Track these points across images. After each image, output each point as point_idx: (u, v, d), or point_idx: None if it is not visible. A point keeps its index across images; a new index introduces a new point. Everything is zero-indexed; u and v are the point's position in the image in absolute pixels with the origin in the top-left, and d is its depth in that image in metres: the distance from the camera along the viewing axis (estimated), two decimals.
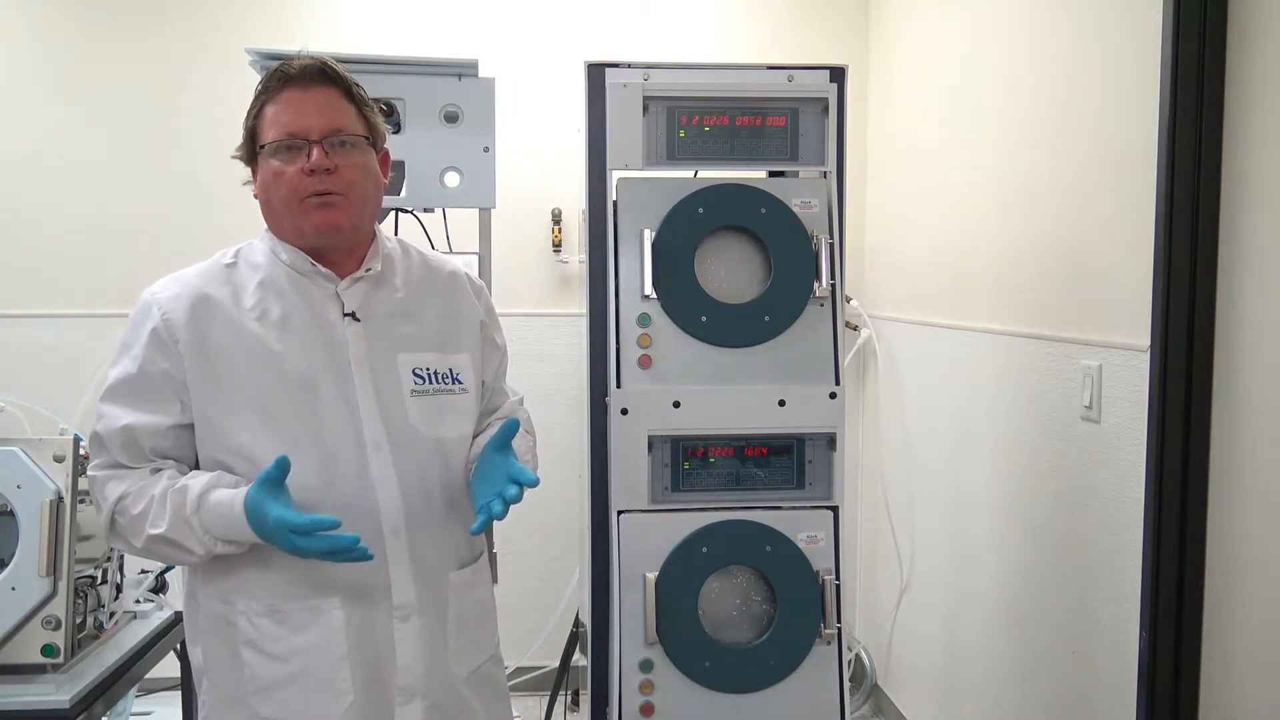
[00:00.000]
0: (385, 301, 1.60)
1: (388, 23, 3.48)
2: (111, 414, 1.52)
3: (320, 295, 1.56)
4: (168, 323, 1.51)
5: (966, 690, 2.90)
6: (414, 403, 1.57)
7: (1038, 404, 2.44)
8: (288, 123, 1.49)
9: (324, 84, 1.52)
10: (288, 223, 1.53)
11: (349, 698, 1.51)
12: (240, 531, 1.44)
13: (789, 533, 2.24)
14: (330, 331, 1.55)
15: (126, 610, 2.23)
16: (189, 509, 1.45)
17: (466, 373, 1.64)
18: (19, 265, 3.41)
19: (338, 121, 1.51)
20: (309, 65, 1.52)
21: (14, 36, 3.39)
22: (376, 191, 1.58)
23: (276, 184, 1.51)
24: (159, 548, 1.49)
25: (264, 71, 2.41)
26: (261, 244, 1.60)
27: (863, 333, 3.60)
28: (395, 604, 1.53)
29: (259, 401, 1.50)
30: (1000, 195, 2.66)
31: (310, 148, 1.48)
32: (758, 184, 2.27)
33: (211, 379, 1.50)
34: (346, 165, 1.51)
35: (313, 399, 1.52)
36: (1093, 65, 2.24)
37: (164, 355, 1.50)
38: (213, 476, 1.48)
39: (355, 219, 1.54)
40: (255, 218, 1.59)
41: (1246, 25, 1.85)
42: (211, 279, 1.56)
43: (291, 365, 1.52)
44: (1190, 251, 1.91)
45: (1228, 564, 1.89)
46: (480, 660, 1.67)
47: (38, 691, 1.87)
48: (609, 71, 2.24)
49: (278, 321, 1.53)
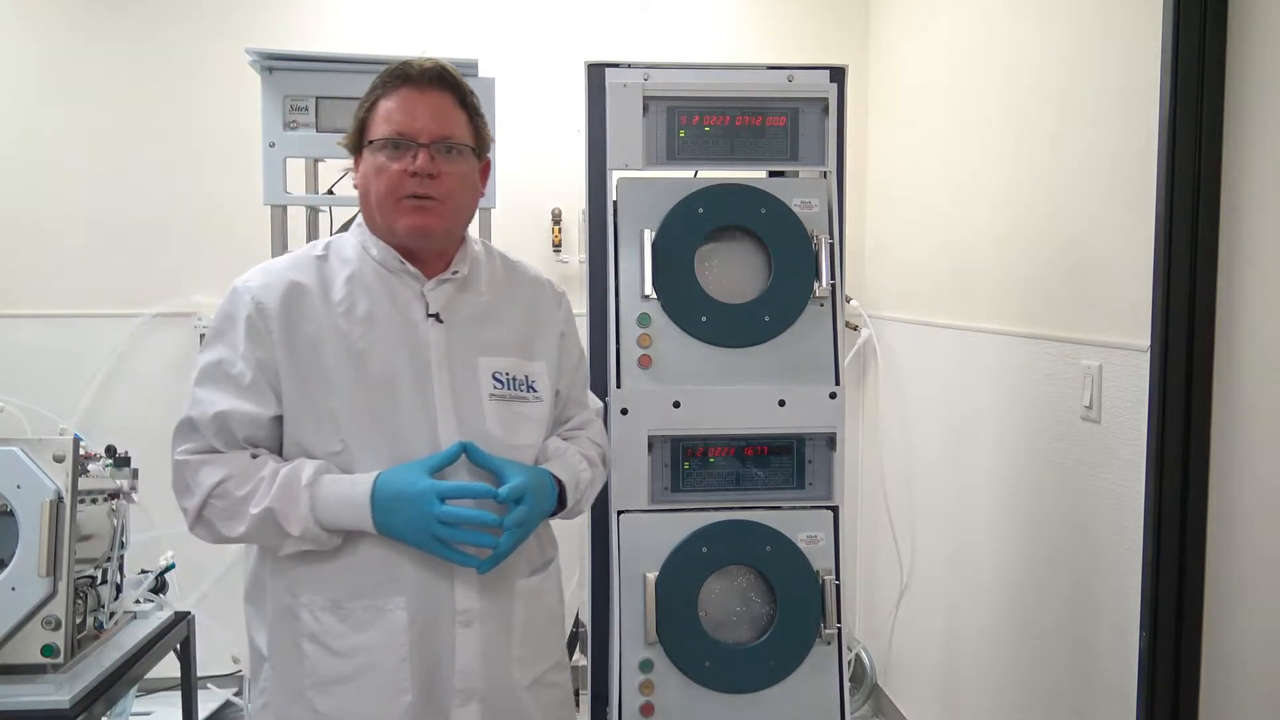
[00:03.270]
0: (469, 304, 1.61)
1: (388, 23, 3.48)
2: (206, 399, 1.51)
3: (406, 294, 1.57)
4: (261, 311, 1.52)
5: (966, 690, 2.90)
6: (491, 407, 1.57)
7: (1038, 404, 2.44)
8: (399, 122, 1.51)
9: (440, 88, 1.54)
10: (381, 219, 1.55)
11: (408, 698, 1.51)
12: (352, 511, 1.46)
13: (789, 533, 2.24)
14: (413, 331, 1.56)
15: (126, 610, 2.22)
16: (303, 483, 1.46)
17: (542, 380, 1.64)
18: (19, 265, 3.41)
19: (448, 128, 1.53)
20: (429, 68, 1.53)
21: (14, 37, 3.39)
22: (473, 200, 1.60)
23: (377, 179, 1.52)
24: (257, 528, 1.48)
25: (264, 72, 2.43)
26: (353, 238, 1.61)
27: (863, 333, 3.60)
28: (458, 609, 1.53)
29: (340, 397, 1.51)
30: (1000, 195, 2.66)
31: (417, 150, 1.50)
32: (758, 184, 2.27)
33: (299, 369, 1.51)
34: (449, 173, 1.53)
35: (392, 398, 1.52)
36: (1093, 64, 2.24)
37: (258, 344, 1.51)
38: (324, 463, 1.50)
39: (449, 225, 1.56)
40: (255, 218, 1.59)
41: (1246, 26, 1.85)
42: (303, 270, 1.57)
43: (373, 363, 1.53)
44: (1190, 251, 1.91)
45: (1228, 564, 1.89)
46: (544, 668, 1.65)
47: (38, 691, 1.87)
48: (609, 71, 2.24)
49: (363, 318, 1.54)
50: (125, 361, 3.45)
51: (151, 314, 3.44)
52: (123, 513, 2.16)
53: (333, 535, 1.49)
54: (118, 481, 2.17)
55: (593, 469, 1.69)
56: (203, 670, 2.72)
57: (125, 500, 2.18)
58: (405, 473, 1.46)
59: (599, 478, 1.73)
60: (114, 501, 2.13)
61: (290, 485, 1.47)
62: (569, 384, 1.72)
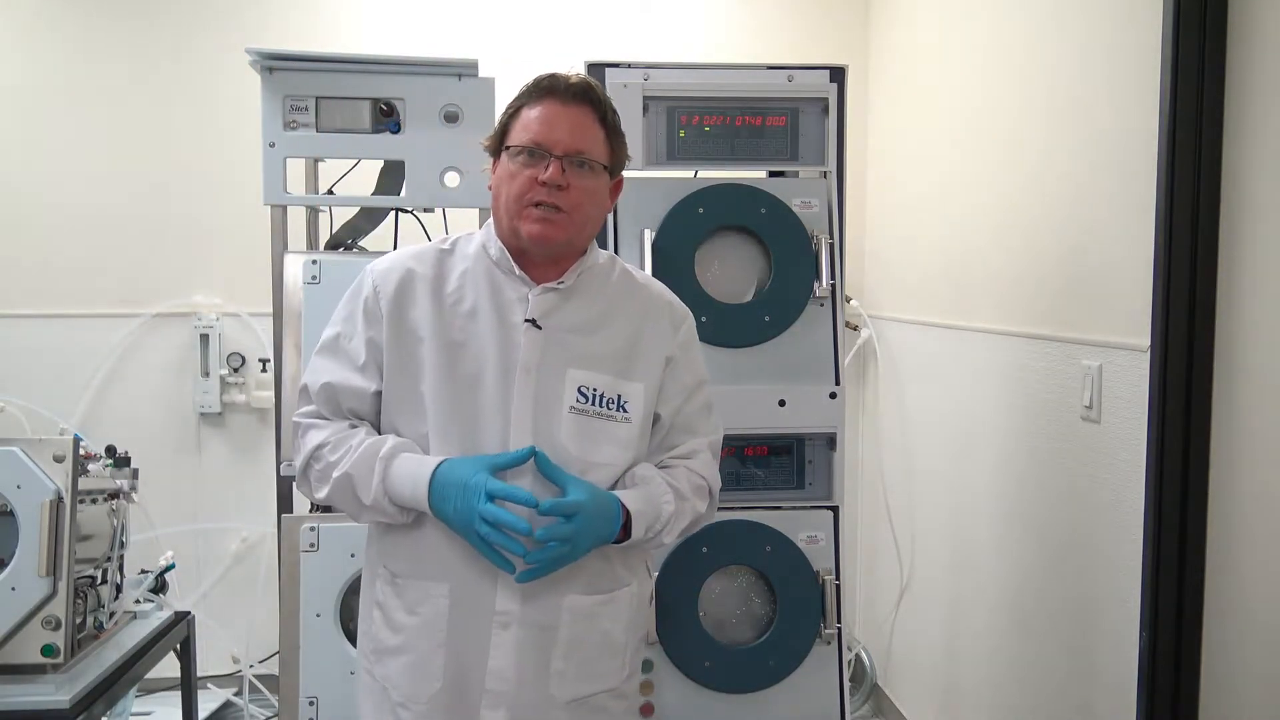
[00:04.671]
0: (572, 314, 1.61)
1: (388, 23, 3.48)
2: (319, 368, 1.62)
3: (512, 297, 1.60)
4: (378, 293, 1.60)
5: (966, 690, 2.90)
6: (570, 419, 1.57)
7: (1038, 404, 2.44)
8: (538, 132, 1.55)
9: (583, 104, 1.57)
10: (507, 221, 1.58)
11: (437, 684, 1.56)
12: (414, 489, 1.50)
13: (789, 533, 2.24)
14: (509, 333, 1.58)
15: (126, 610, 2.23)
16: (380, 455, 1.53)
17: (635, 402, 1.61)
18: (19, 265, 3.41)
19: (584, 144, 1.56)
20: (574, 83, 1.57)
21: (13, 37, 3.39)
22: (599, 216, 1.64)
23: (509, 182, 1.56)
24: (338, 491, 1.56)
25: (264, 72, 2.43)
26: (480, 236, 1.66)
27: (863, 333, 3.60)
28: (497, 609, 1.55)
29: (429, 383, 1.56)
30: (1000, 195, 2.66)
31: (550, 161, 1.53)
32: (758, 184, 2.27)
33: (400, 352, 1.58)
34: (578, 186, 1.55)
35: (474, 394, 1.56)
36: (1093, 64, 2.24)
37: (371, 323, 1.60)
38: (408, 440, 1.57)
39: (571, 237, 1.58)
40: (255, 218, 1.60)
41: (1246, 25, 1.85)
42: (424, 260, 1.63)
43: (465, 357, 1.57)
44: (1190, 251, 1.91)
45: (1228, 564, 1.89)
46: (591, 690, 1.61)
47: (38, 691, 1.88)
48: (609, 71, 2.25)
49: (466, 313, 1.59)
50: (125, 361, 3.45)
51: (151, 314, 3.44)
52: (123, 513, 2.17)
53: (403, 510, 1.54)
54: (118, 481, 2.17)
55: (681, 501, 1.62)
56: (203, 670, 2.72)
57: (125, 500, 2.18)
58: (468, 464, 1.50)
59: (689, 510, 1.63)
60: (114, 501, 2.13)
61: (369, 456, 1.54)
62: (675, 410, 1.67)
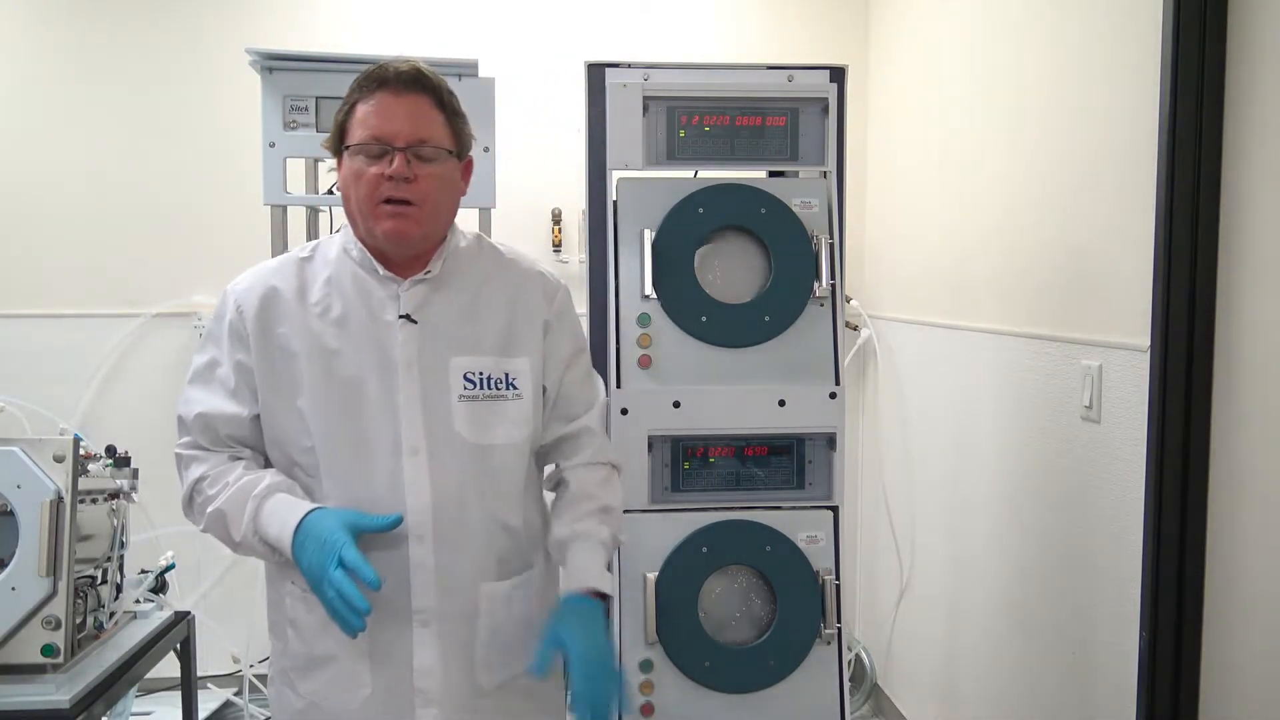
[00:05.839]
0: (446, 303, 1.60)
1: (387, 23, 3.48)
2: (192, 398, 1.59)
3: (381, 296, 1.58)
4: (241, 314, 1.57)
5: (966, 690, 2.90)
6: (461, 407, 1.57)
7: (1038, 404, 2.44)
8: (375, 126, 1.51)
9: (417, 91, 1.53)
10: (362, 222, 1.56)
11: (366, 691, 1.56)
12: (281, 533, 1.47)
13: (789, 533, 2.24)
14: (384, 332, 1.56)
15: (126, 610, 2.22)
16: (254, 494, 1.51)
17: (524, 378, 1.61)
18: (19, 265, 3.41)
19: (424, 132, 1.52)
20: (404, 71, 1.53)
21: (13, 36, 3.39)
22: (453, 201, 1.60)
23: (356, 183, 1.53)
24: (213, 524, 1.54)
25: (264, 72, 2.43)
26: (340, 238, 1.63)
27: (863, 333, 3.60)
28: (414, 609, 1.55)
29: (308, 396, 1.54)
30: (1000, 195, 2.66)
31: (393, 154, 1.50)
32: (758, 184, 2.27)
33: (272, 370, 1.55)
34: (425, 176, 1.52)
35: (358, 398, 1.54)
36: (1093, 64, 2.24)
37: (237, 347, 1.57)
38: (285, 480, 1.55)
39: (427, 229, 1.56)
40: (255, 217, 1.60)
41: (1246, 25, 1.85)
42: (285, 273, 1.60)
43: (343, 364, 1.55)
44: (1190, 251, 1.91)
45: (1228, 564, 1.89)
46: (514, 673, 1.62)
47: (38, 691, 1.87)
48: (609, 71, 2.24)
49: (336, 319, 1.56)
50: (125, 361, 3.45)
51: (151, 314, 3.44)
52: (123, 513, 2.16)
53: (272, 550, 1.51)
54: (118, 481, 2.17)
55: (606, 514, 1.65)
56: (203, 670, 2.72)
57: (125, 500, 2.18)
58: (333, 519, 1.46)
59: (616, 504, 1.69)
60: (114, 501, 2.13)
61: (243, 494, 1.52)
62: (557, 382, 1.67)
